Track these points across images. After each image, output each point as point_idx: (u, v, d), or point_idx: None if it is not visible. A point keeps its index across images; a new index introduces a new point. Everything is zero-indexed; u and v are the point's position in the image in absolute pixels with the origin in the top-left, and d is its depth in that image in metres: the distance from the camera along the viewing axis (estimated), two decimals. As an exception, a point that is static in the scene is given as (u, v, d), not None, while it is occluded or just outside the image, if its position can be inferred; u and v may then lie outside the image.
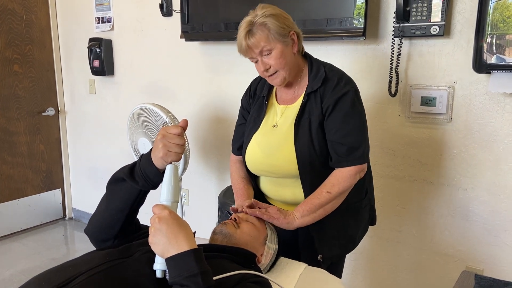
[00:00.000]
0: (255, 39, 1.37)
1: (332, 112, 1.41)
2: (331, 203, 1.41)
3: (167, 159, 1.04)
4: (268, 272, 1.35)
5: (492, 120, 1.83)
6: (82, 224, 3.67)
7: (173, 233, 0.90)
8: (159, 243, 0.91)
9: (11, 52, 3.25)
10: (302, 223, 1.41)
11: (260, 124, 1.55)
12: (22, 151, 3.41)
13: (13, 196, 3.40)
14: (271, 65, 1.41)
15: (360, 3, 1.94)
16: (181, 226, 0.93)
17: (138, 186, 1.08)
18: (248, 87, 1.69)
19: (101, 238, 1.16)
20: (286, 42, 1.41)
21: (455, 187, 1.95)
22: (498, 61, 1.64)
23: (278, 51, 1.39)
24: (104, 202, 1.15)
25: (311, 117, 1.44)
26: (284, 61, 1.41)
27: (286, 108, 1.52)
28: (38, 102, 3.46)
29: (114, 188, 1.13)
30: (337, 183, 1.40)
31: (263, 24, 1.36)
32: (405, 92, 2.00)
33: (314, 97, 1.45)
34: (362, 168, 1.43)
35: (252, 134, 1.56)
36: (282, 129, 1.49)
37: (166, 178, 1.02)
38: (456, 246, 2.00)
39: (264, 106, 1.56)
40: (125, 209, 1.11)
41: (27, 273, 2.82)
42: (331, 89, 1.42)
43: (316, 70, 1.46)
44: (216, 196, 2.67)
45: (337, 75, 1.45)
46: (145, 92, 3.03)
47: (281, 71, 1.43)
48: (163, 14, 2.76)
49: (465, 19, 1.82)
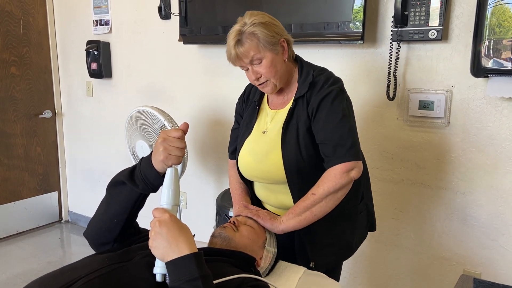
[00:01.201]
0: (244, 48, 1.35)
1: (316, 114, 1.39)
2: (318, 205, 1.35)
3: (167, 162, 1.04)
4: (267, 276, 1.35)
5: (490, 124, 1.84)
6: (79, 227, 3.65)
7: (174, 237, 0.90)
8: (159, 246, 0.90)
9: (8, 54, 3.24)
10: (287, 226, 1.38)
11: (252, 129, 1.54)
12: (18, 153, 3.40)
13: (9, 198, 3.38)
14: (262, 73, 1.40)
15: (357, 7, 1.95)
16: (182, 229, 0.92)
17: (138, 190, 1.08)
18: (243, 91, 1.68)
19: (100, 241, 1.16)
20: (276, 51, 1.39)
21: (453, 190, 1.96)
22: (496, 65, 1.65)
23: (269, 60, 1.38)
24: (103, 206, 1.15)
25: (299, 122, 1.42)
26: (274, 70, 1.40)
27: (276, 113, 1.50)
28: (35, 104, 3.45)
29: (114, 192, 1.12)
30: (321, 184, 1.35)
31: (252, 33, 1.35)
32: (403, 96, 2.01)
33: (301, 102, 1.43)
34: (350, 166, 1.34)
35: (244, 139, 1.55)
36: (271, 135, 1.48)
37: (167, 181, 1.02)
38: (454, 250, 2.00)
39: (255, 111, 1.56)
40: (125, 213, 1.11)
41: (23, 277, 2.81)
42: (316, 92, 1.40)
43: (306, 75, 1.45)
44: (214, 199, 2.66)
45: (323, 78, 1.43)
46: (143, 95, 3.02)
47: (272, 79, 1.42)
48: (161, 17, 2.76)
49: (463, 23, 1.83)
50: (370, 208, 1.66)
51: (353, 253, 1.60)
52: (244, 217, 1.39)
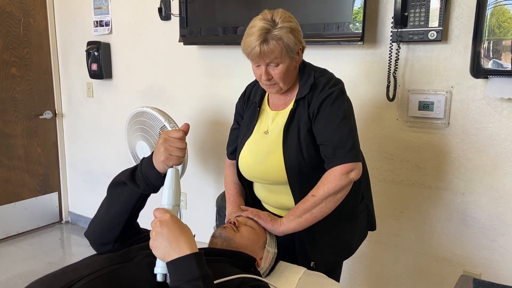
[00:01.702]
0: (269, 49, 1.33)
1: (317, 115, 1.40)
2: (318, 207, 1.35)
3: (168, 162, 1.05)
4: (268, 276, 1.35)
5: (490, 125, 1.84)
6: (79, 228, 3.65)
7: (175, 237, 0.90)
8: (160, 246, 0.91)
9: (9, 55, 3.25)
10: (288, 228, 1.38)
11: (253, 130, 1.54)
12: (19, 154, 3.40)
13: (10, 199, 3.38)
14: (274, 76, 1.40)
15: (357, 8, 1.95)
16: (182, 229, 0.93)
17: (139, 190, 1.09)
18: (243, 91, 1.68)
19: (101, 241, 1.16)
20: (294, 58, 1.40)
21: (453, 191, 1.96)
22: (495, 66, 1.65)
23: (285, 66, 1.38)
24: (104, 206, 1.15)
25: (300, 123, 1.42)
26: (286, 75, 1.41)
27: (277, 114, 1.51)
28: (35, 105, 3.46)
29: (115, 192, 1.13)
30: (321, 185, 1.35)
31: (280, 38, 1.33)
32: (403, 97, 2.01)
33: (303, 103, 1.43)
34: (350, 168, 1.34)
35: (245, 140, 1.55)
36: (272, 136, 1.48)
37: (168, 181, 1.02)
38: (454, 250, 2.00)
39: (256, 112, 1.56)
40: (126, 213, 1.11)
41: (24, 277, 2.81)
42: (317, 94, 1.41)
43: (307, 76, 1.46)
44: (214, 199, 2.67)
45: (324, 80, 1.43)
46: (143, 96, 3.03)
47: (280, 83, 1.42)
48: (162, 18, 2.77)
49: (463, 24, 1.83)
50: (370, 208, 1.67)
51: (352, 253, 1.61)
52: (245, 218, 1.40)
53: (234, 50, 2.52)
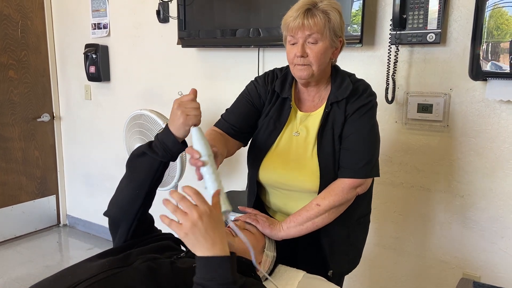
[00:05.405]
0: (313, 21, 1.26)
1: (349, 119, 1.35)
2: (320, 217, 1.33)
3: (188, 122, 1.09)
4: (267, 280, 1.35)
5: (488, 127, 1.84)
6: (77, 231, 3.64)
7: (210, 235, 0.88)
8: (192, 238, 0.88)
9: (6, 58, 3.24)
10: (287, 234, 1.36)
11: (282, 129, 1.43)
12: (16, 157, 3.39)
13: (7, 202, 3.36)
14: (309, 54, 1.30)
15: (356, 10, 1.95)
16: (218, 226, 0.91)
17: (158, 157, 1.12)
18: (264, 75, 1.51)
19: (120, 217, 1.17)
20: (333, 44, 1.32)
21: (452, 193, 1.96)
22: (494, 68, 1.65)
23: (323, 47, 1.29)
24: (124, 180, 1.18)
25: (334, 127, 1.36)
26: (322, 58, 1.31)
27: (308, 115, 1.41)
28: (33, 108, 3.45)
29: (135, 164, 1.16)
30: (328, 196, 1.32)
31: (326, 12, 1.27)
32: (402, 99, 2.01)
33: (337, 106, 1.36)
34: (360, 183, 1.34)
35: (273, 139, 1.43)
36: (303, 139, 1.40)
37: (196, 138, 1.07)
38: (453, 253, 2.00)
39: (287, 109, 1.43)
40: (146, 184, 1.14)
41: (21, 281, 2.79)
42: (354, 99, 1.36)
43: (341, 80, 1.39)
44: (212, 202, 2.66)
45: (363, 87, 1.38)
46: (142, 98, 3.02)
47: (314, 66, 1.31)
48: (160, 21, 2.76)
49: (461, 26, 1.83)
50: None
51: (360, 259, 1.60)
52: (243, 222, 1.39)
53: (233, 53, 2.52)
